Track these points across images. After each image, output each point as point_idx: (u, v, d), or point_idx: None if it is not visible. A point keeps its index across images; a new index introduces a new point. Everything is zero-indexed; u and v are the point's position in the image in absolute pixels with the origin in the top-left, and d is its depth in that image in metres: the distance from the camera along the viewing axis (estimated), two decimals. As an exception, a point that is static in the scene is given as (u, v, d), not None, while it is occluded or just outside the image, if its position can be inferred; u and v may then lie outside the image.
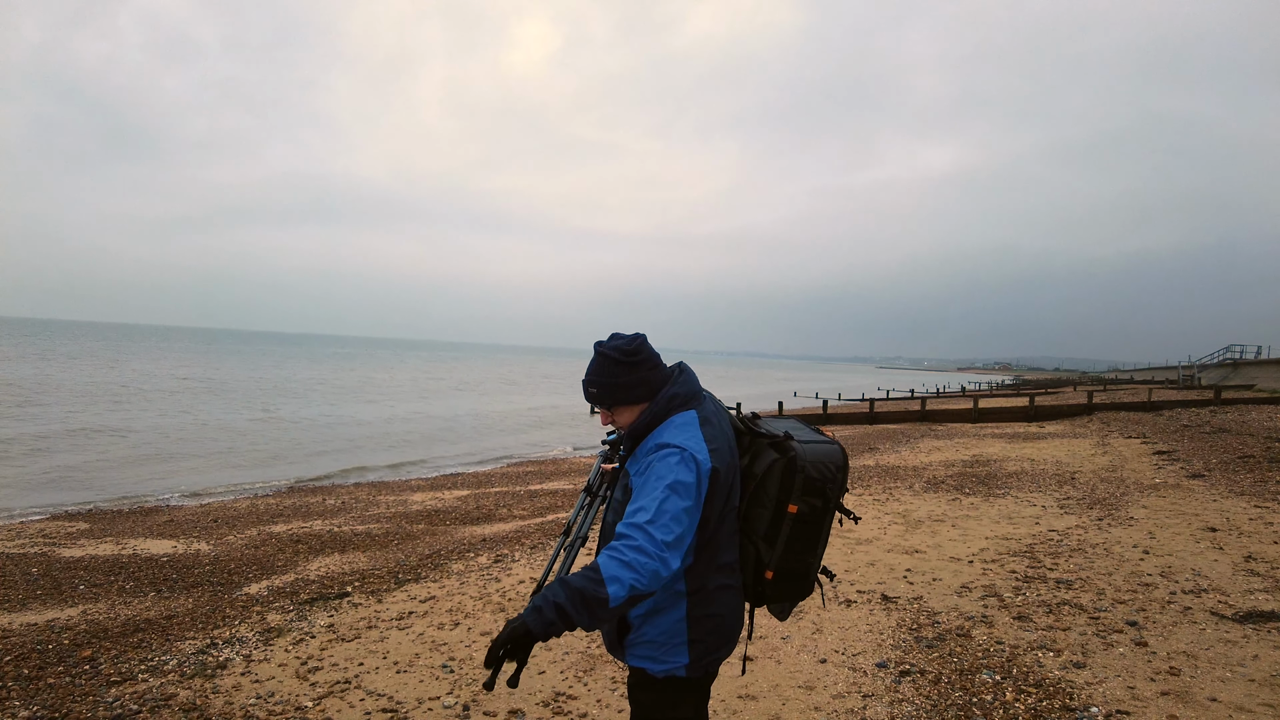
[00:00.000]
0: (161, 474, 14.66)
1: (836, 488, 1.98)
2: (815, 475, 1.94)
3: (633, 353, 2.01)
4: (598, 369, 2.04)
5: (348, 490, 13.08)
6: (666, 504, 1.79)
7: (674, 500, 1.80)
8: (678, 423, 1.96)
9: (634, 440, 2.02)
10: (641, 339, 2.06)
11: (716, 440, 1.95)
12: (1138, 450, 13.48)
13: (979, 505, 8.71)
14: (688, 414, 1.98)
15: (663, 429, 1.96)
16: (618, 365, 2.01)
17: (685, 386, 2.03)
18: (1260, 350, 44.57)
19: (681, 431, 1.93)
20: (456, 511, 10.16)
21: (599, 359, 2.05)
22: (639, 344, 2.03)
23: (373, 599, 5.70)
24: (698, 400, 2.03)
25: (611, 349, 2.03)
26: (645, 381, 2.01)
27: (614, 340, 2.06)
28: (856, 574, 5.86)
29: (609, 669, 4.12)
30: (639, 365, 2.01)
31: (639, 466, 1.92)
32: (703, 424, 1.96)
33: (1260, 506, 7.95)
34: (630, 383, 2.01)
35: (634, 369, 2.01)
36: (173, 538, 8.50)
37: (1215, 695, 3.56)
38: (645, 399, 2.02)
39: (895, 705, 3.60)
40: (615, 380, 2.01)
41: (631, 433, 2.03)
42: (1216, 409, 21.06)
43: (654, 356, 2.05)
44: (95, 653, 4.56)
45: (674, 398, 2.00)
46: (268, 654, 4.49)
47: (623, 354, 2.01)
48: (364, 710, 3.70)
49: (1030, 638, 4.38)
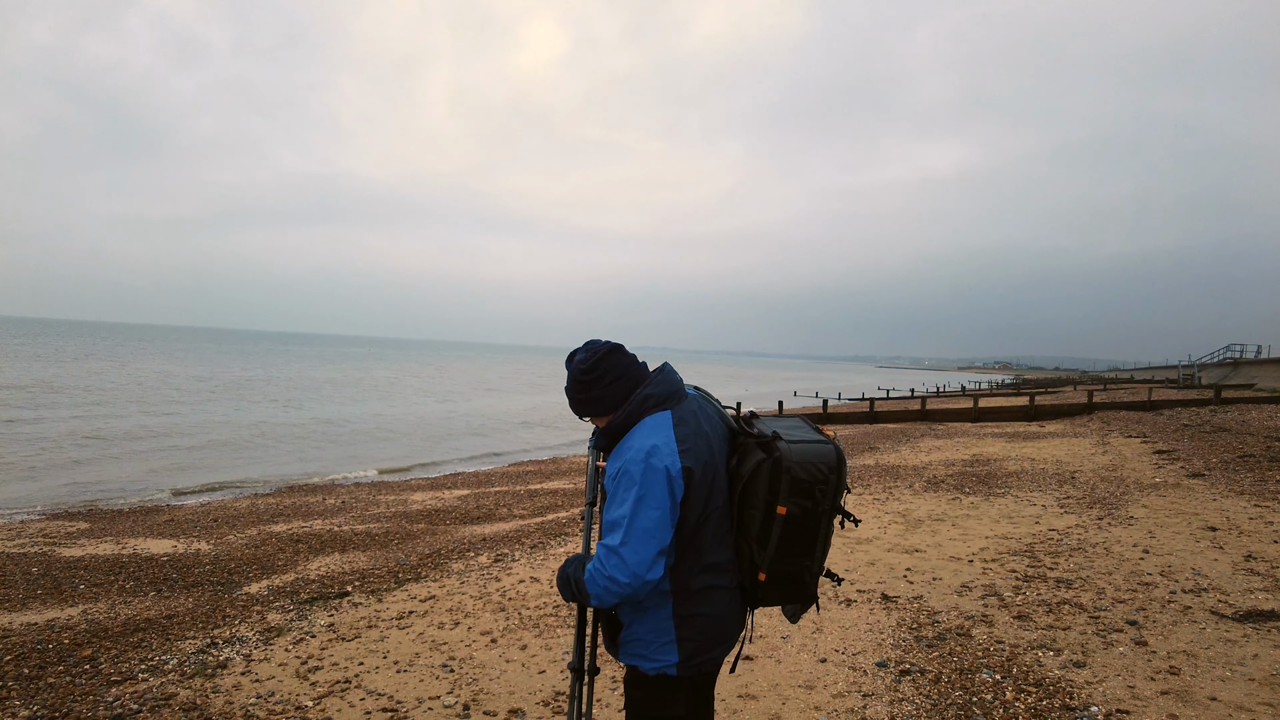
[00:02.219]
0: (162, 473, 14.67)
1: (828, 489, 1.94)
2: (803, 477, 1.91)
3: (588, 370, 2.06)
4: (567, 384, 2.14)
5: (348, 490, 13.08)
6: (638, 519, 1.87)
7: (645, 513, 1.87)
8: (650, 424, 1.98)
9: (610, 439, 2.08)
10: (603, 354, 2.07)
11: (690, 440, 1.95)
12: (1138, 449, 13.47)
13: (979, 504, 8.71)
14: (662, 415, 1.99)
15: (636, 430, 1.99)
16: (578, 384, 2.09)
17: (661, 387, 2.03)
18: (1260, 349, 44.58)
19: (653, 433, 1.95)
20: (457, 511, 10.17)
21: (568, 378, 2.13)
22: (595, 361, 2.06)
23: (373, 598, 5.70)
24: (675, 400, 2.04)
25: (573, 369, 2.10)
26: (604, 398, 2.06)
27: (579, 356, 2.10)
28: (856, 573, 5.86)
29: (608, 669, 4.12)
30: (595, 383, 2.05)
31: (614, 468, 1.97)
32: (677, 424, 1.97)
33: (1260, 506, 7.95)
34: (591, 398, 2.08)
35: (591, 386, 2.06)
36: (173, 537, 8.50)
37: (1215, 694, 3.56)
38: (614, 407, 2.06)
39: (895, 705, 3.59)
40: (576, 396, 2.11)
41: (607, 431, 2.09)
42: (1216, 408, 21.06)
43: (616, 370, 2.05)
44: (95, 652, 4.56)
45: (647, 399, 2.01)
46: (268, 653, 4.50)
47: (580, 373, 2.07)
48: (364, 710, 3.71)
49: (1030, 637, 4.38)
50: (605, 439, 2.09)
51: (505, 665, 4.25)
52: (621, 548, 1.87)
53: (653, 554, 1.88)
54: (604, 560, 1.90)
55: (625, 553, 1.87)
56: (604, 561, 1.90)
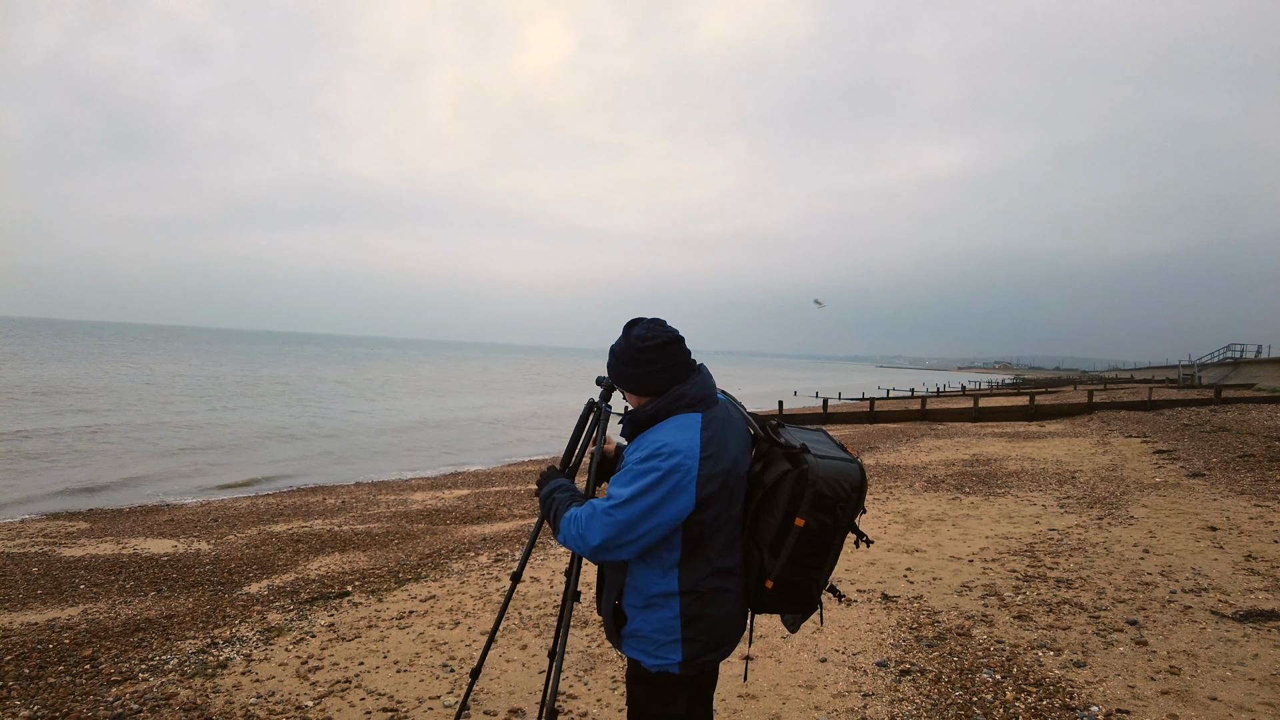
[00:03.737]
0: (162, 473, 14.67)
1: (849, 507, 1.94)
2: (827, 493, 1.90)
3: (645, 351, 2.04)
4: (617, 347, 2.12)
5: (348, 489, 13.08)
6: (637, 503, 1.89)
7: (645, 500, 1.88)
8: (678, 422, 1.97)
9: (635, 427, 2.07)
10: (665, 340, 2.05)
11: (713, 445, 1.95)
12: (1138, 449, 13.47)
13: (979, 504, 8.71)
14: (692, 416, 1.99)
15: (663, 425, 1.99)
16: (629, 358, 2.07)
17: (696, 389, 2.03)
18: (1261, 349, 44.56)
19: (679, 431, 1.94)
20: (457, 511, 10.16)
21: (620, 341, 2.11)
22: (656, 345, 2.04)
23: (373, 598, 5.70)
24: (706, 404, 2.03)
25: (631, 340, 2.07)
26: (646, 380, 2.04)
27: (639, 331, 2.07)
28: (857, 573, 5.86)
29: (609, 668, 4.12)
30: (648, 364, 2.04)
31: (635, 454, 1.97)
32: (704, 428, 1.96)
33: (1261, 505, 7.95)
34: (635, 375, 2.06)
35: (642, 365, 2.04)
36: (173, 537, 8.50)
37: (1215, 694, 3.56)
38: (651, 393, 2.05)
39: (895, 704, 3.60)
40: (622, 368, 2.09)
41: (633, 418, 2.07)
42: (1217, 408, 21.06)
43: (669, 360, 2.04)
44: (96, 652, 4.56)
45: (681, 397, 2.01)
46: (268, 653, 4.50)
47: (637, 350, 2.05)
48: (364, 710, 3.71)
49: (1030, 637, 4.38)
50: (631, 427, 2.09)
51: (505, 665, 4.25)
52: (606, 516, 1.91)
53: (632, 537, 1.91)
54: (587, 518, 1.96)
55: (608, 523, 1.91)
56: (586, 519, 1.96)
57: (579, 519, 1.98)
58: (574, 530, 1.99)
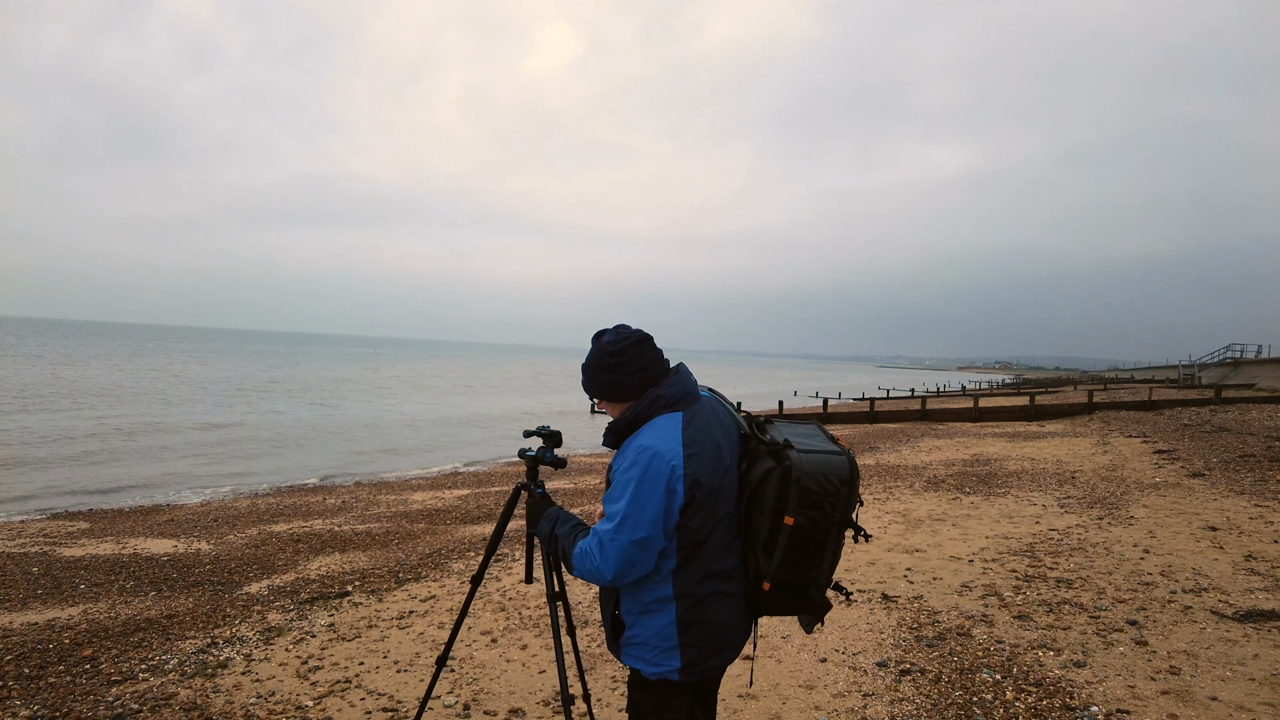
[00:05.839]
0: (162, 473, 14.67)
1: (839, 502, 1.88)
2: (813, 488, 1.85)
3: (615, 354, 2.03)
4: (587, 359, 2.11)
5: (348, 489, 13.08)
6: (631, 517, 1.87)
7: (638, 512, 1.86)
8: (658, 424, 1.95)
9: (616, 435, 2.04)
10: (633, 342, 2.04)
11: (697, 444, 1.91)
12: (1138, 449, 13.47)
13: (979, 504, 8.71)
14: (672, 416, 1.96)
15: (644, 429, 1.96)
16: (600, 365, 2.06)
17: (674, 389, 1.99)
18: (1261, 349, 44.53)
19: (660, 434, 1.91)
20: (457, 511, 10.17)
21: (590, 353, 2.10)
22: (624, 348, 2.02)
23: (373, 598, 5.70)
24: (687, 403, 1.99)
25: (599, 347, 2.07)
26: (621, 385, 2.03)
27: (607, 337, 2.07)
28: (856, 573, 5.86)
29: (609, 668, 4.12)
30: (618, 368, 2.02)
31: (618, 464, 1.95)
32: (685, 427, 1.93)
33: (1261, 505, 7.95)
34: (608, 382, 2.05)
35: (613, 370, 2.03)
36: (173, 537, 8.50)
37: (1216, 694, 3.56)
38: (629, 397, 2.03)
39: (895, 704, 3.59)
40: (595, 376, 2.08)
41: (614, 428, 2.05)
42: (1217, 408, 21.06)
43: (640, 361, 2.02)
44: (96, 652, 4.56)
45: (658, 399, 1.98)
46: (268, 653, 4.50)
47: (607, 355, 2.04)
48: (364, 710, 3.71)
49: (1030, 637, 4.38)
50: (613, 435, 2.05)
51: (505, 665, 4.25)
52: (613, 543, 1.88)
53: (643, 554, 1.88)
54: (598, 550, 1.92)
55: (615, 550, 1.88)
56: (598, 552, 1.92)
57: (591, 554, 1.94)
58: (589, 565, 1.95)
